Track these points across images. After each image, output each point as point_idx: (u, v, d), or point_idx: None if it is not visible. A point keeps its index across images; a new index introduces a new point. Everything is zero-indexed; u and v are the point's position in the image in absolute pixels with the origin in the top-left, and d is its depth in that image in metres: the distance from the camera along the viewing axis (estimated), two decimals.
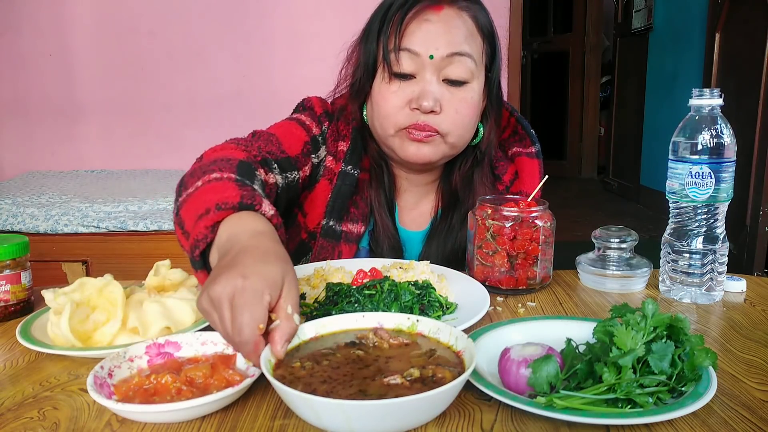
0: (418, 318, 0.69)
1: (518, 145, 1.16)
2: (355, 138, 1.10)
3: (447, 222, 1.11)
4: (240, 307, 0.59)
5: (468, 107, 1.01)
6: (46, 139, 3.32)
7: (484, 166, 1.12)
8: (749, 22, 3.24)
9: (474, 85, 1.01)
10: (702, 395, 0.58)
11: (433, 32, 0.98)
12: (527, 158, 1.14)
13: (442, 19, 0.98)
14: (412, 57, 0.98)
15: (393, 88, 1.00)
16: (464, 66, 0.99)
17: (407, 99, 0.99)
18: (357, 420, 0.53)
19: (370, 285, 0.81)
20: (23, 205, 2.48)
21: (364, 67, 1.04)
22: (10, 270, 0.87)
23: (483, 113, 1.09)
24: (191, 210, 0.78)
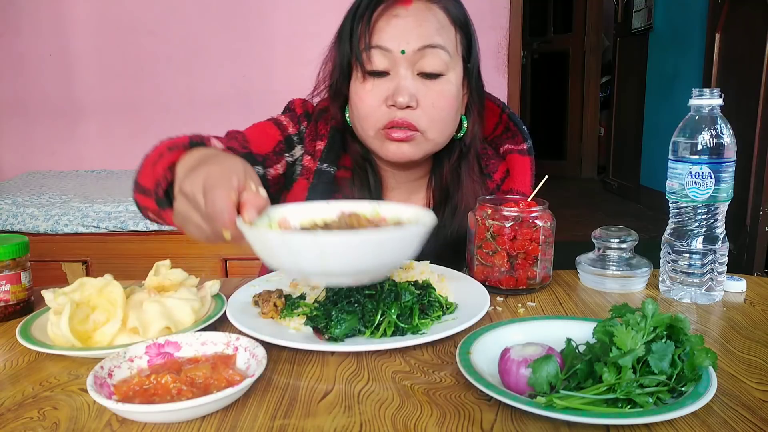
0: (379, 202, 0.78)
1: (510, 142, 1.15)
2: (332, 136, 1.09)
3: (439, 218, 1.11)
4: (211, 187, 0.66)
5: (445, 100, 1.00)
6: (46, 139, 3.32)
7: (471, 160, 1.11)
8: (749, 22, 3.24)
9: (450, 76, 1.00)
10: (702, 395, 0.58)
11: (402, 27, 0.97)
12: (518, 155, 1.14)
13: (411, 13, 0.97)
14: (383, 53, 0.97)
15: (368, 87, 0.99)
16: (438, 58, 0.98)
17: (383, 96, 0.99)
18: (332, 255, 0.56)
19: (370, 285, 0.81)
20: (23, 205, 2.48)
21: (339, 69, 1.04)
22: (10, 270, 0.87)
23: (466, 106, 1.08)
24: (146, 168, 0.87)
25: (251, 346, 0.68)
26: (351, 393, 0.65)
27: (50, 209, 2.45)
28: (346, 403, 0.63)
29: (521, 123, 1.15)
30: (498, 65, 3.26)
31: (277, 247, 0.59)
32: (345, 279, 0.63)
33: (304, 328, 0.78)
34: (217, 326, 0.80)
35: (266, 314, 0.81)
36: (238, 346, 0.69)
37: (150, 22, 3.22)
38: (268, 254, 0.61)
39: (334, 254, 0.56)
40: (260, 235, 0.59)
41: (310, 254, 0.57)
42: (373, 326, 0.76)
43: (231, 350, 0.69)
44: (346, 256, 0.57)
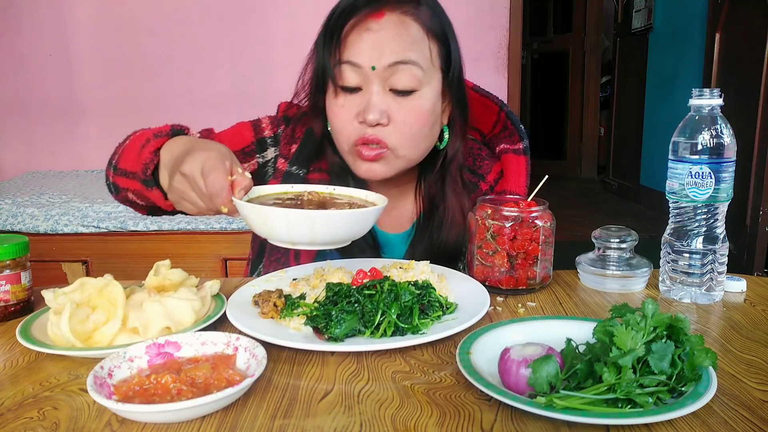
0: (334, 188, 0.92)
1: (506, 141, 1.13)
2: (306, 139, 1.09)
3: (429, 226, 1.09)
4: (210, 170, 0.78)
5: (417, 117, 0.97)
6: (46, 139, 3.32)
7: (453, 173, 1.08)
8: (749, 22, 3.25)
9: (424, 92, 0.97)
10: (702, 395, 0.58)
11: (374, 42, 0.94)
12: (513, 155, 1.12)
13: (383, 26, 0.94)
14: (354, 69, 0.95)
15: (340, 102, 0.98)
16: (410, 74, 0.95)
17: (354, 112, 0.97)
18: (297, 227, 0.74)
19: (370, 285, 0.81)
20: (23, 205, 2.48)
21: (314, 81, 1.03)
22: (10, 270, 0.87)
23: (449, 116, 1.06)
24: (130, 153, 0.96)
25: (251, 346, 0.68)
26: (351, 393, 0.65)
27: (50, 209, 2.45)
28: (346, 403, 0.63)
29: (518, 121, 1.14)
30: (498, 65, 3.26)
31: (270, 218, 0.75)
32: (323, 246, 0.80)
33: (304, 328, 0.78)
34: (217, 326, 0.80)
35: (266, 314, 0.81)
36: (238, 346, 0.69)
37: (150, 22, 3.22)
38: (261, 224, 0.77)
39: (321, 226, 0.75)
40: (255, 209, 0.76)
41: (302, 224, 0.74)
42: (373, 326, 0.76)
43: (231, 350, 0.69)
44: (330, 227, 0.76)
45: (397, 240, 1.13)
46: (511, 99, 3.26)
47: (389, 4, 0.95)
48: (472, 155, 1.16)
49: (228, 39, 3.24)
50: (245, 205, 0.77)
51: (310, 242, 0.77)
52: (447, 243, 1.08)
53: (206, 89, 3.28)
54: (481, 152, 1.16)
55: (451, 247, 1.08)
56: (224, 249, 2.45)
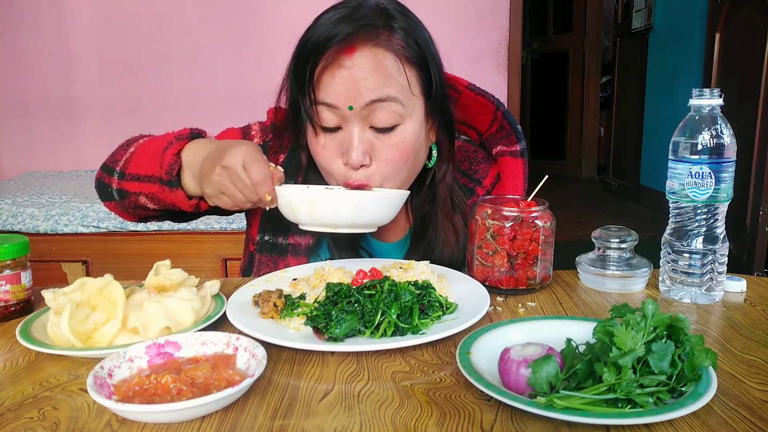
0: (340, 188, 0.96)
1: (503, 142, 1.11)
2: (293, 150, 1.08)
3: (423, 240, 1.08)
4: (251, 161, 0.83)
5: (399, 152, 0.95)
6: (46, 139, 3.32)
7: (442, 194, 1.07)
8: (749, 22, 3.25)
9: (406, 125, 0.94)
10: (702, 395, 0.58)
11: (348, 81, 0.90)
12: (510, 158, 1.10)
13: (356, 63, 0.90)
14: (331, 110, 0.92)
15: (322, 142, 0.96)
16: (389, 111, 0.91)
17: (337, 152, 0.95)
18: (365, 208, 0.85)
19: (370, 285, 0.81)
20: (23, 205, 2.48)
21: (291, 117, 1.00)
22: (10, 270, 0.87)
23: (437, 135, 1.04)
24: (143, 157, 0.98)
25: (251, 346, 0.68)
26: (351, 393, 0.65)
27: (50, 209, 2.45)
28: (346, 403, 0.63)
29: (515, 122, 1.12)
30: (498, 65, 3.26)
31: (317, 200, 0.84)
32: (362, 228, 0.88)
33: (304, 328, 0.78)
34: (217, 326, 0.80)
35: (266, 314, 0.81)
36: (238, 346, 0.69)
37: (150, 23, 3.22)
38: (306, 208, 0.84)
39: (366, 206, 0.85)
40: (303, 192, 0.85)
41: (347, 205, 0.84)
42: (373, 326, 0.76)
43: (231, 350, 0.69)
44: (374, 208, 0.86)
45: (392, 248, 1.12)
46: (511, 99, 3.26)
47: (359, 37, 0.90)
48: (468, 159, 1.14)
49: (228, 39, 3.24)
50: (292, 188, 0.86)
51: (352, 224, 0.85)
52: (444, 256, 1.07)
53: (206, 89, 3.28)
54: (477, 155, 1.14)
55: (449, 260, 1.07)
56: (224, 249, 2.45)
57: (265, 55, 3.24)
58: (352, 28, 0.90)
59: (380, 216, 0.88)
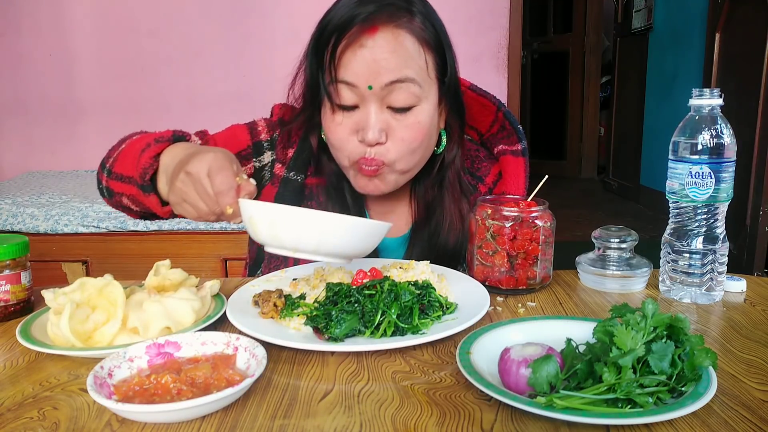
0: None
1: (505, 142, 1.12)
2: (302, 144, 1.08)
3: (425, 231, 1.09)
4: (217, 170, 0.78)
5: (415, 133, 0.96)
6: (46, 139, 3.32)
7: (451, 179, 1.08)
8: (749, 22, 3.25)
9: (422, 106, 0.96)
10: (702, 395, 0.58)
11: (369, 60, 0.91)
12: (512, 157, 1.11)
13: (377, 43, 0.91)
14: (350, 89, 0.93)
15: (338, 120, 0.96)
16: (407, 92, 0.93)
17: (353, 130, 0.96)
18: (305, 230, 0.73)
19: (370, 285, 0.81)
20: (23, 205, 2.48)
21: (308, 96, 1.01)
22: (10, 270, 0.87)
23: (447, 121, 1.05)
24: (127, 157, 0.95)
25: (251, 346, 0.68)
26: (351, 393, 0.65)
27: (50, 209, 2.45)
28: (346, 403, 0.63)
29: (516, 122, 1.13)
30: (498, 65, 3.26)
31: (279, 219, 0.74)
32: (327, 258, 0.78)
33: (304, 328, 0.78)
34: (217, 326, 0.80)
35: (266, 314, 0.81)
36: (238, 346, 0.69)
37: (150, 23, 3.22)
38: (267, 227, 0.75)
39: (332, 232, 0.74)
40: (264, 207, 0.75)
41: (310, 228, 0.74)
42: (373, 326, 0.76)
43: (231, 350, 0.69)
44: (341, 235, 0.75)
45: (394, 244, 1.13)
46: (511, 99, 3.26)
47: (382, 18, 0.92)
48: (470, 157, 1.15)
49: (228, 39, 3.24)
50: (254, 203, 0.75)
51: (314, 251, 0.74)
52: (446, 247, 1.07)
53: (206, 89, 3.28)
54: (479, 154, 1.15)
55: (450, 251, 1.08)
56: (224, 249, 2.45)
57: (265, 55, 3.24)
58: (374, 8, 0.92)
59: (350, 246, 0.76)
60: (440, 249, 1.08)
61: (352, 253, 0.77)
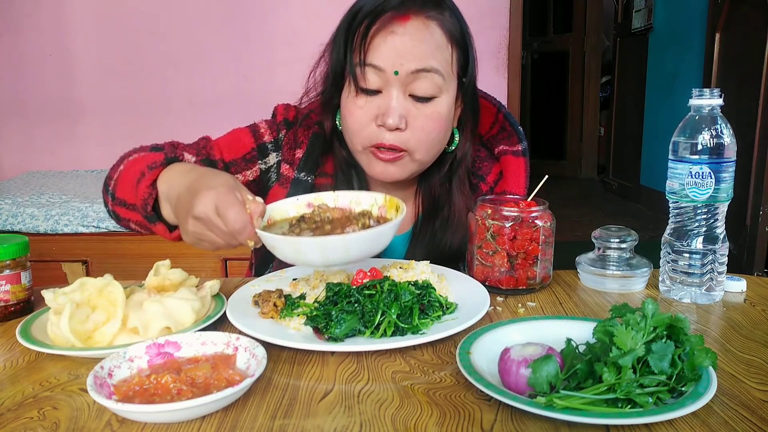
0: (337, 193, 0.89)
1: (505, 142, 1.14)
2: (312, 144, 1.08)
3: (430, 228, 1.09)
4: (225, 207, 0.74)
5: (434, 123, 0.98)
6: (46, 139, 3.32)
7: (461, 175, 1.09)
8: (749, 22, 3.24)
9: (442, 98, 0.98)
10: (702, 395, 0.58)
11: (398, 46, 0.94)
12: (513, 157, 1.12)
13: (408, 31, 0.94)
14: (377, 72, 0.95)
15: (359, 103, 0.98)
16: (430, 82, 0.95)
17: (373, 114, 0.97)
18: (332, 252, 0.74)
19: (370, 285, 0.81)
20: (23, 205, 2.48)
21: (332, 78, 1.02)
22: (10, 270, 0.87)
23: (459, 119, 1.07)
24: (126, 183, 0.94)
25: (251, 346, 0.68)
26: (351, 393, 0.65)
27: (50, 209, 2.45)
28: (346, 403, 0.63)
29: (517, 123, 1.15)
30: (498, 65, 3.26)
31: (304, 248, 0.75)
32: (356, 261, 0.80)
33: (304, 328, 0.78)
34: (217, 326, 0.80)
35: (266, 314, 0.81)
36: (238, 346, 0.69)
37: (150, 22, 3.22)
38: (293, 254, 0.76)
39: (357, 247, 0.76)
40: (287, 241, 0.75)
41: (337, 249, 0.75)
42: (373, 326, 0.76)
43: (231, 350, 0.69)
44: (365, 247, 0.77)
45: (398, 241, 1.13)
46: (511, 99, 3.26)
47: (414, 7, 0.95)
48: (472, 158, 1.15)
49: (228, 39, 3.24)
50: (276, 237, 0.75)
51: (345, 262, 0.77)
52: (452, 244, 1.08)
53: (206, 89, 3.28)
54: (479, 153, 1.16)
55: (455, 248, 1.08)
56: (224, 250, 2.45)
57: (265, 55, 3.24)
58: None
59: (374, 250, 0.79)
60: (445, 246, 1.08)
61: (377, 252, 0.81)
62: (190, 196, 0.77)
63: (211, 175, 0.81)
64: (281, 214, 0.87)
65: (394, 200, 0.87)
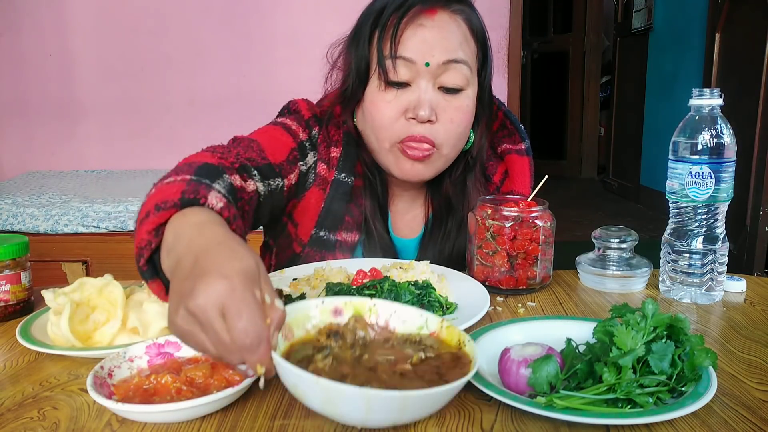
0: (374, 301, 0.68)
1: (507, 141, 1.14)
2: (347, 143, 1.05)
3: (442, 228, 1.09)
4: (236, 313, 0.53)
5: (463, 115, 0.99)
6: (46, 139, 3.32)
7: (476, 172, 1.10)
8: (749, 22, 3.24)
9: (469, 91, 1.00)
10: (702, 395, 0.58)
11: (428, 38, 0.95)
12: (517, 156, 1.13)
13: (436, 24, 0.96)
14: (407, 65, 0.96)
15: (388, 97, 0.97)
16: (460, 73, 0.97)
17: (402, 108, 0.97)
18: (379, 411, 0.52)
19: (370, 285, 0.81)
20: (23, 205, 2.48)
21: (356, 74, 1.01)
22: (10, 270, 0.87)
23: (475, 117, 1.06)
24: (137, 219, 0.71)
25: None
26: None
27: (50, 209, 2.45)
28: None
29: (517, 121, 1.14)
30: (498, 65, 3.25)
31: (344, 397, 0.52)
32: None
33: None
34: None
35: None
36: None
37: (150, 22, 3.22)
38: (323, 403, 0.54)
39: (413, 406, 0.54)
40: (321, 384, 0.51)
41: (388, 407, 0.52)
42: None
43: None
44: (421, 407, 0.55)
45: (409, 245, 1.12)
46: (511, 99, 3.26)
47: (440, 2, 0.97)
48: None
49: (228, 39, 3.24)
50: (303, 375, 0.52)
51: (392, 424, 0.56)
52: (466, 244, 1.05)
53: (206, 89, 3.28)
54: (486, 154, 1.16)
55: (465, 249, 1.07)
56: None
57: (265, 55, 3.23)
58: None
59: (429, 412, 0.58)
60: (460, 247, 1.07)
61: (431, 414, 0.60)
62: (191, 275, 0.56)
63: (228, 252, 0.58)
64: (300, 322, 0.65)
65: (453, 329, 0.65)
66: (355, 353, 0.61)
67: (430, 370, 0.60)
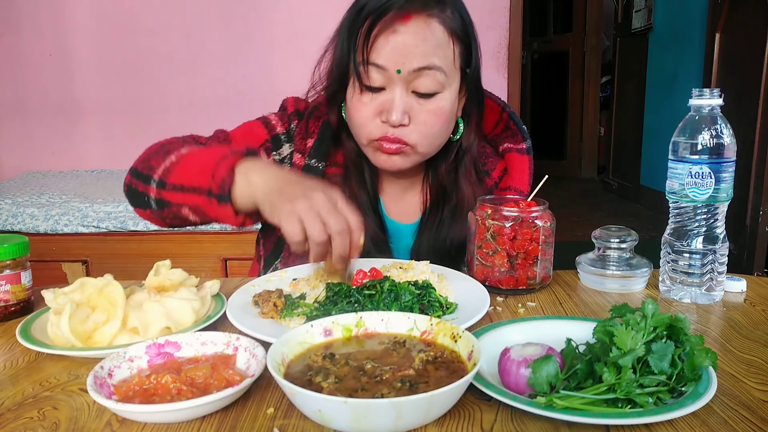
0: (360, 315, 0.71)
1: (509, 140, 1.15)
2: (322, 132, 1.10)
3: (438, 216, 1.12)
4: (332, 211, 0.78)
5: (437, 117, 1.00)
6: (46, 139, 3.32)
7: (467, 164, 1.12)
8: (749, 22, 3.24)
9: (445, 94, 1.00)
10: (702, 395, 0.58)
11: (400, 45, 0.95)
12: (517, 154, 1.14)
13: (410, 30, 0.95)
14: (380, 71, 0.97)
15: (365, 99, 1.00)
16: (433, 79, 0.97)
17: (377, 110, 0.99)
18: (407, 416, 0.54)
19: (370, 285, 0.81)
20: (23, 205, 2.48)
21: (336, 74, 1.04)
22: (10, 270, 0.87)
23: (464, 109, 1.08)
24: (191, 168, 0.91)
25: (251, 346, 0.68)
26: None
27: (50, 209, 2.45)
28: None
29: (521, 122, 1.16)
30: (498, 65, 3.26)
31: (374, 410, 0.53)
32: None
33: None
34: (217, 326, 0.80)
35: (266, 314, 0.81)
36: (238, 346, 0.69)
37: (150, 22, 3.22)
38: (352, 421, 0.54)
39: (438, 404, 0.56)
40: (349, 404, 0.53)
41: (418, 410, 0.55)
42: None
43: (231, 350, 0.69)
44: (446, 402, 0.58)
45: (406, 230, 1.15)
46: (511, 99, 3.26)
47: (416, 6, 0.96)
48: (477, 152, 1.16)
49: (228, 39, 3.24)
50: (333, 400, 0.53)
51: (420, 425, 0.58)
52: (460, 233, 1.08)
53: (206, 89, 3.28)
54: (485, 150, 1.17)
55: (464, 237, 1.08)
56: (224, 249, 2.45)
57: (266, 55, 3.24)
58: None
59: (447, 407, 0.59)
60: (453, 235, 1.09)
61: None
62: (308, 183, 0.82)
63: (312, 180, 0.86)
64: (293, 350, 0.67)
65: (444, 324, 0.68)
66: (354, 367, 0.63)
67: (434, 368, 0.63)
